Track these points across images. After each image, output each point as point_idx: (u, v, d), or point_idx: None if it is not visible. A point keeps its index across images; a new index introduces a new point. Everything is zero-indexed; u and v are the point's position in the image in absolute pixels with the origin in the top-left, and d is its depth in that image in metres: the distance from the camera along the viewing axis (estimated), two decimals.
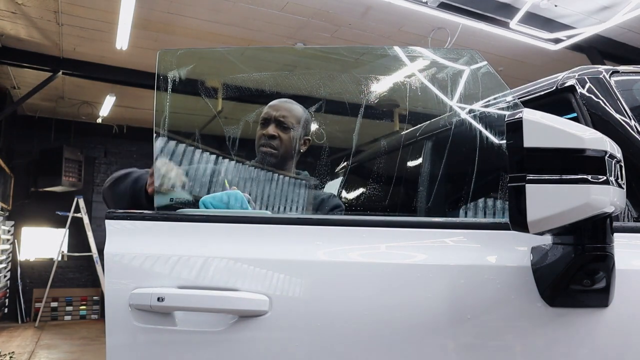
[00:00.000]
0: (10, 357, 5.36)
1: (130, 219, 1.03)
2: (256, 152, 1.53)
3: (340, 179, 2.37)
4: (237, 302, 0.93)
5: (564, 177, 0.76)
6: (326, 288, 0.95)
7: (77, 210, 8.01)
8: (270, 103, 1.55)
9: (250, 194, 1.36)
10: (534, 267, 0.89)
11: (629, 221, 1.07)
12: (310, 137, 1.59)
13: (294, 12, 5.04)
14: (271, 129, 1.50)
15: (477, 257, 0.93)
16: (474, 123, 1.46)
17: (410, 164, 2.03)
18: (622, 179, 0.80)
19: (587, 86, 1.22)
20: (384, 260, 0.96)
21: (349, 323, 0.93)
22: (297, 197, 1.50)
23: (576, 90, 1.23)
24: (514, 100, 1.30)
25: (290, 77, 1.68)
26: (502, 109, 1.33)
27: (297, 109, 1.55)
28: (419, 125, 1.97)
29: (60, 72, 6.07)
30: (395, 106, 1.72)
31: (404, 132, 2.07)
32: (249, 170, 1.49)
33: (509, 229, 0.82)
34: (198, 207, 1.13)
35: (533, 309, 0.88)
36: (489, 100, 1.42)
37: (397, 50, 1.51)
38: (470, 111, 1.52)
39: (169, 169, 1.21)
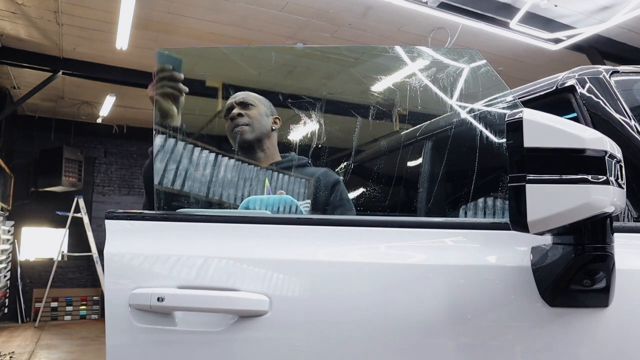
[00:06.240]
0: (10, 357, 5.36)
1: (130, 219, 1.02)
2: (232, 142, 1.58)
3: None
4: (237, 302, 0.93)
5: (564, 177, 0.76)
6: (326, 288, 0.95)
7: (77, 210, 8.02)
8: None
9: (249, 191, 1.37)
10: (534, 267, 0.89)
11: (629, 221, 1.07)
12: (279, 117, 1.64)
13: (294, 12, 5.04)
14: (235, 110, 1.56)
15: (477, 257, 0.93)
16: (474, 123, 1.46)
17: (410, 164, 2.03)
18: (622, 179, 0.80)
19: (587, 86, 1.22)
20: (384, 260, 0.96)
21: (349, 323, 0.92)
22: (293, 180, 1.53)
23: (576, 90, 1.23)
24: (514, 100, 1.30)
25: (290, 77, 1.69)
26: (502, 108, 1.33)
27: (254, 93, 1.63)
28: (419, 125, 1.97)
29: (60, 72, 6.08)
30: (394, 106, 1.72)
31: (403, 132, 2.07)
32: (243, 166, 1.50)
33: (509, 229, 0.82)
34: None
35: (533, 309, 0.88)
36: (489, 100, 1.42)
37: (397, 49, 1.51)
38: (470, 111, 1.52)
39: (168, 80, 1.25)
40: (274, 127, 1.61)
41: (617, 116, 1.14)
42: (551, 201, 0.76)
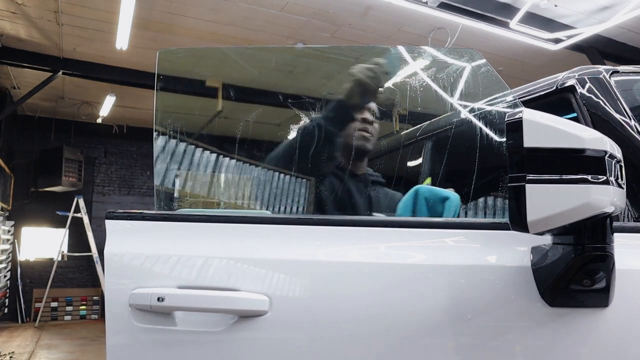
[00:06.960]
0: (10, 357, 5.36)
1: (130, 219, 1.03)
2: (345, 137, 1.51)
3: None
4: (237, 302, 0.93)
5: (564, 177, 0.76)
6: (326, 288, 0.95)
7: (77, 210, 8.02)
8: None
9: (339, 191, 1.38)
10: (534, 267, 0.89)
11: (629, 221, 1.07)
12: None
13: (294, 12, 5.04)
14: (370, 116, 1.50)
15: (477, 257, 0.93)
16: (474, 123, 1.46)
17: (410, 164, 2.03)
18: (622, 179, 0.80)
19: (587, 86, 1.22)
20: (384, 260, 0.96)
21: (349, 323, 0.93)
22: (379, 193, 1.52)
23: (576, 90, 1.23)
24: (514, 100, 1.30)
25: (290, 77, 1.68)
26: (502, 108, 1.33)
27: None
28: (419, 125, 1.97)
29: (60, 72, 6.08)
30: (394, 106, 1.72)
31: (403, 132, 2.07)
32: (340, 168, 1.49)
33: (508, 229, 0.82)
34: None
35: (533, 309, 0.88)
36: (489, 100, 1.42)
37: (397, 49, 1.51)
38: (470, 111, 1.52)
39: None
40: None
41: (617, 116, 1.14)
42: (551, 201, 0.76)
